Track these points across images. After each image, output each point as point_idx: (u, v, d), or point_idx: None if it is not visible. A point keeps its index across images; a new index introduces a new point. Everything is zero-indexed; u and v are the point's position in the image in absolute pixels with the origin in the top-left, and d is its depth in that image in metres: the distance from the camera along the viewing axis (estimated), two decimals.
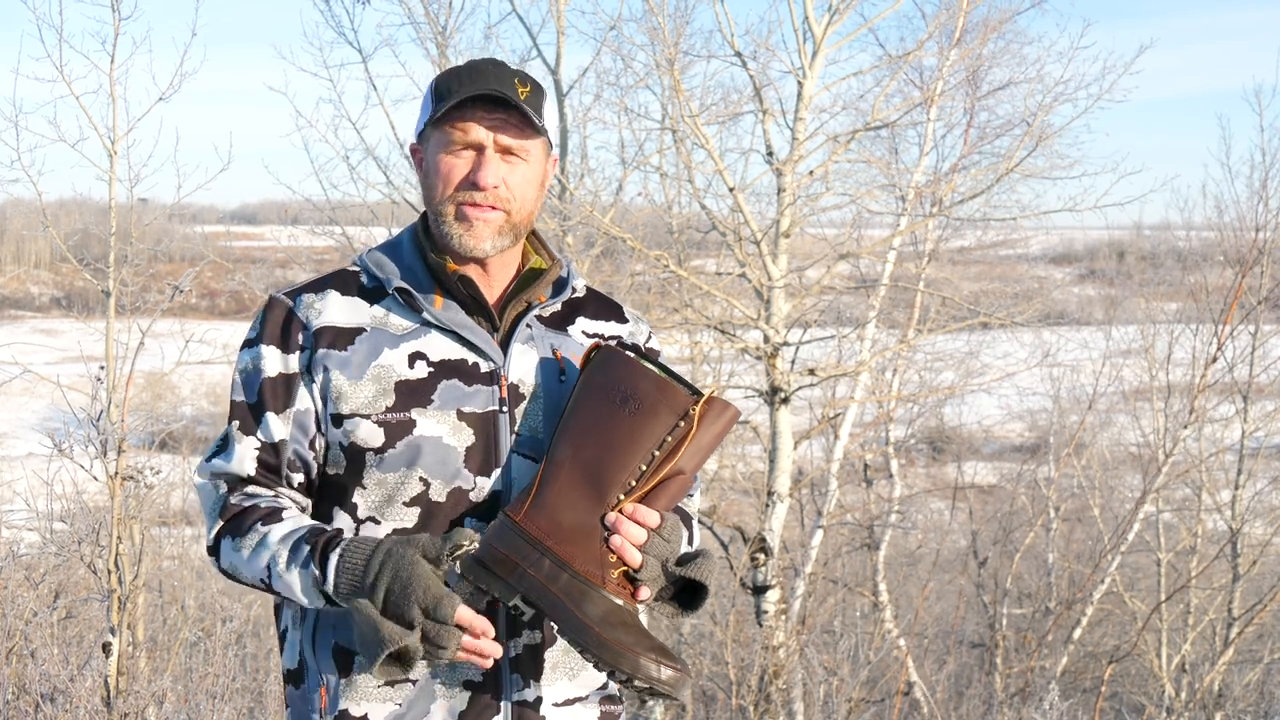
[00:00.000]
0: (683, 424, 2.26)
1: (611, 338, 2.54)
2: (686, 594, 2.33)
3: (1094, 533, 15.08)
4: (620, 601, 2.24)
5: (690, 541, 2.50)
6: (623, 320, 2.59)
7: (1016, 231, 14.61)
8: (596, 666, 2.22)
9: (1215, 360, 12.70)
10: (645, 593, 2.26)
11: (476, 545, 2.20)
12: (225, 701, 6.41)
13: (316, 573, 2.23)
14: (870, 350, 12.62)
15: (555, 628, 2.28)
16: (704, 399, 2.27)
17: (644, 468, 2.26)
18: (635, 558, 2.24)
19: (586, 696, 2.43)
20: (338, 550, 2.23)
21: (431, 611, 2.15)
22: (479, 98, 2.35)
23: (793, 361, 11.24)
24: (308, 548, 2.26)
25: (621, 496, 2.26)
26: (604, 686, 2.46)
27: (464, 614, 2.18)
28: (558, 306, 2.50)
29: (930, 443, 19.45)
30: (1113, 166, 14.70)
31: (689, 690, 2.21)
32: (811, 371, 10.98)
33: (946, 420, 18.46)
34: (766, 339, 10.47)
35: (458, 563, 2.21)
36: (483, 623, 2.21)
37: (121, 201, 5.90)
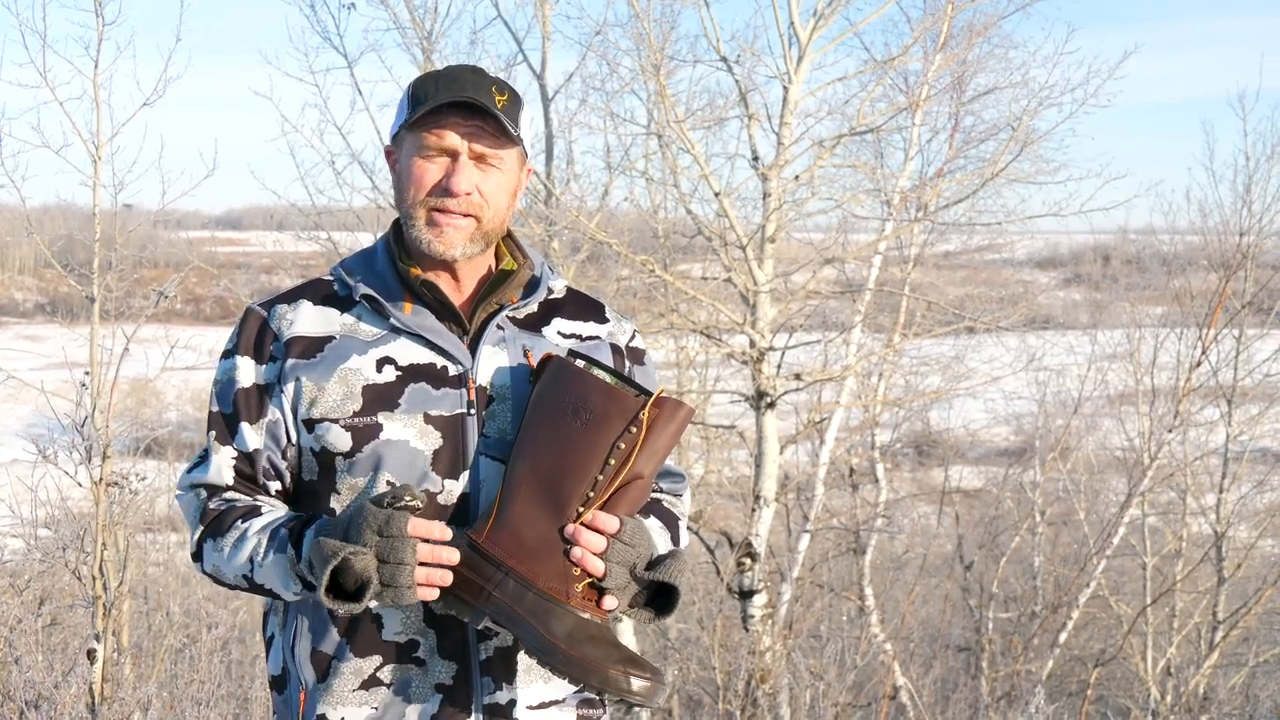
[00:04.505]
0: (634, 429, 2.25)
1: (590, 338, 2.53)
2: (661, 598, 2.31)
3: (1079, 536, 15.11)
4: (586, 615, 2.23)
5: (676, 542, 2.50)
6: (603, 320, 2.58)
7: (1002, 236, 14.64)
8: (570, 683, 2.22)
9: (1200, 364, 12.74)
10: (611, 601, 2.25)
11: (420, 505, 2.20)
12: (211, 708, 6.40)
13: (293, 553, 2.26)
14: (856, 355, 12.63)
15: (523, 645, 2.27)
16: (653, 400, 2.26)
17: (600, 476, 2.25)
18: (597, 566, 2.23)
19: (563, 700, 2.43)
20: (313, 529, 2.26)
21: (384, 528, 2.16)
22: (456, 104, 2.36)
23: (779, 366, 11.25)
24: (285, 532, 2.29)
25: (580, 508, 2.25)
26: (582, 689, 2.44)
27: (417, 522, 2.19)
28: (534, 307, 2.50)
29: (916, 447, 19.44)
30: (1098, 171, 14.76)
31: (664, 697, 2.18)
32: (797, 376, 10.99)
33: (932, 424, 18.46)
34: (752, 344, 10.48)
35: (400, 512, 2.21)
36: (438, 526, 2.22)
37: (106, 207, 5.89)
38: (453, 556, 2.22)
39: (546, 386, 2.32)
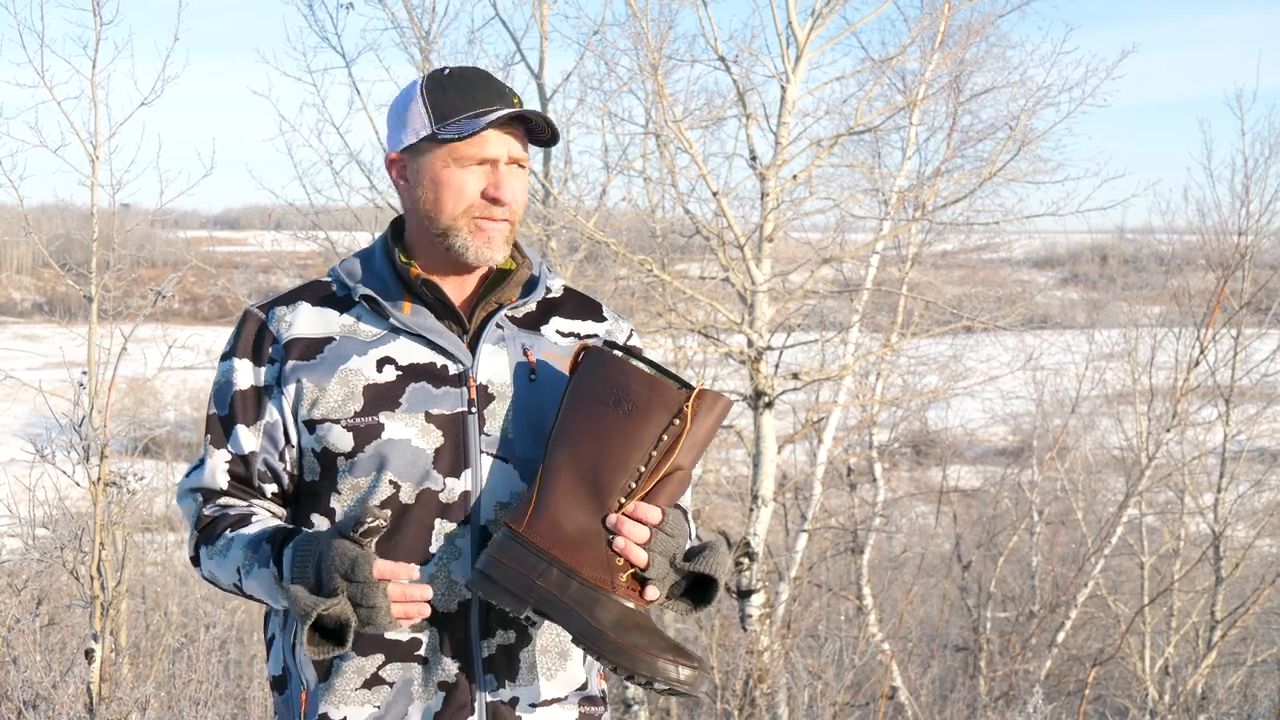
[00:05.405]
0: (677, 421, 2.26)
1: (588, 336, 2.54)
2: (697, 589, 2.33)
3: (1077, 536, 15.11)
4: (631, 604, 2.24)
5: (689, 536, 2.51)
6: (600, 319, 2.59)
7: (999, 235, 14.64)
8: (614, 671, 2.23)
9: (1198, 364, 12.74)
10: (653, 592, 2.26)
11: (384, 522, 2.20)
12: (208, 708, 6.40)
13: (274, 569, 2.27)
14: (854, 354, 12.63)
15: (569, 636, 2.27)
16: (695, 394, 2.27)
17: (642, 468, 2.26)
18: (641, 557, 2.24)
19: (565, 697, 2.44)
20: (290, 546, 2.26)
21: (350, 573, 2.16)
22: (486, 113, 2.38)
23: (776, 366, 11.25)
24: (268, 547, 2.30)
25: (622, 499, 2.26)
26: (583, 687, 2.47)
27: (382, 566, 2.19)
28: (531, 306, 2.52)
29: (914, 446, 19.43)
30: (1095, 170, 14.76)
31: (707, 685, 2.22)
32: (795, 376, 10.99)
33: (930, 424, 18.44)
34: (750, 343, 10.48)
35: (371, 539, 2.21)
36: (405, 568, 2.22)
37: (104, 207, 5.89)
38: (425, 593, 2.24)
39: (585, 376, 2.32)
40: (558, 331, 2.52)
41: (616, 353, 2.35)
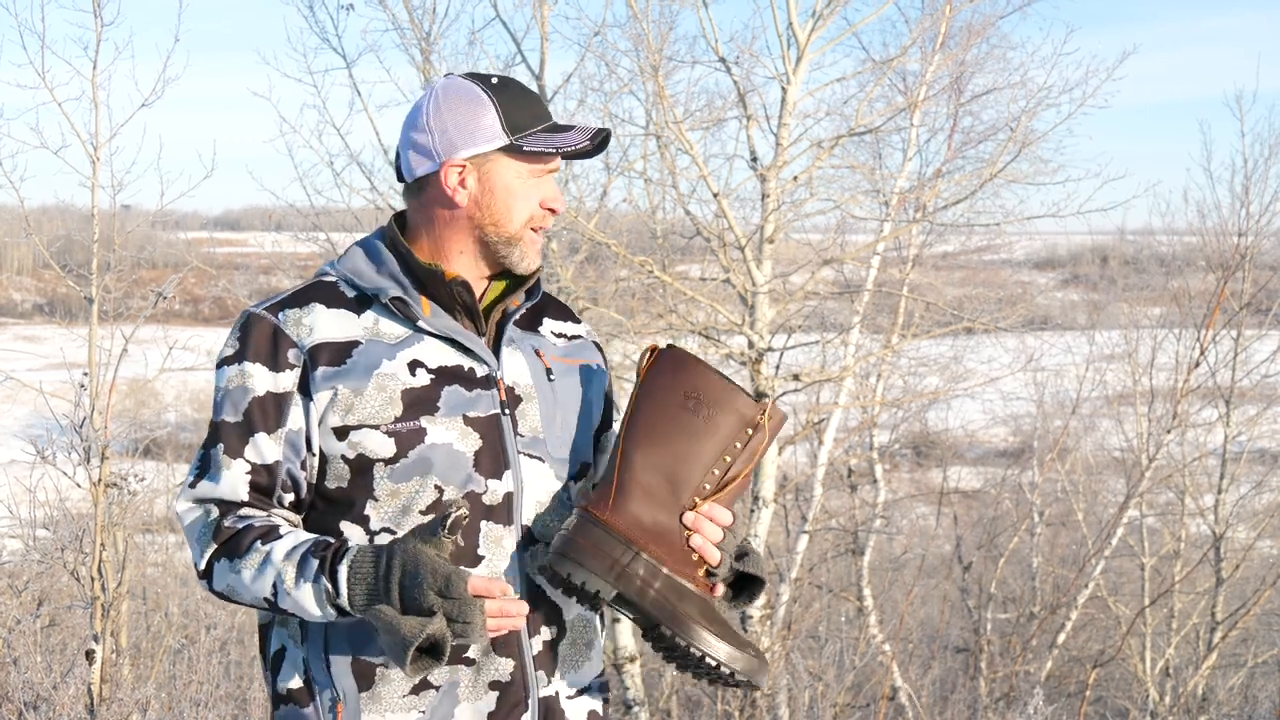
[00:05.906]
0: (751, 431, 2.36)
1: (574, 337, 2.60)
2: (740, 585, 2.43)
3: (1078, 537, 15.10)
4: (706, 598, 2.35)
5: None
6: (577, 320, 2.65)
7: (1000, 236, 14.62)
8: (695, 666, 2.31)
9: (1198, 365, 12.73)
10: (721, 589, 2.37)
11: (466, 511, 2.22)
12: (209, 709, 6.40)
13: (329, 586, 2.23)
14: (854, 355, 12.63)
15: (645, 625, 2.33)
16: (770, 407, 2.37)
17: (716, 471, 2.35)
18: (715, 556, 2.33)
19: (589, 686, 2.49)
20: (346, 561, 2.23)
21: (445, 590, 2.16)
22: (558, 128, 2.43)
23: (777, 367, 11.24)
24: (315, 561, 2.25)
25: (697, 500, 2.35)
26: (600, 675, 2.52)
27: (477, 582, 2.20)
28: (524, 310, 2.54)
29: (914, 448, 19.42)
30: (1096, 172, 14.72)
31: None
32: (796, 377, 10.99)
33: (930, 425, 18.44)
34: (751, 344, 10.48)
35: (459, 534, 2.23)
36: (499, 584, 2.24)
37: (104, 208, 5.89)
38: (522, 609, 2.28)
39: (664, 377, 2.39)
40: (552, 333, 2.57)
41: (692, 354, 2.41)
